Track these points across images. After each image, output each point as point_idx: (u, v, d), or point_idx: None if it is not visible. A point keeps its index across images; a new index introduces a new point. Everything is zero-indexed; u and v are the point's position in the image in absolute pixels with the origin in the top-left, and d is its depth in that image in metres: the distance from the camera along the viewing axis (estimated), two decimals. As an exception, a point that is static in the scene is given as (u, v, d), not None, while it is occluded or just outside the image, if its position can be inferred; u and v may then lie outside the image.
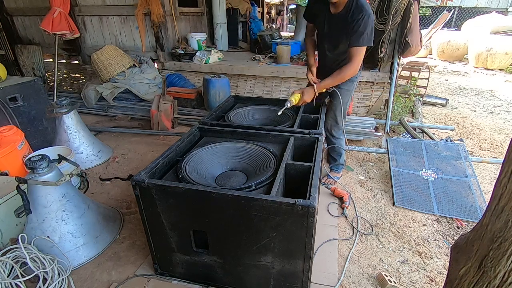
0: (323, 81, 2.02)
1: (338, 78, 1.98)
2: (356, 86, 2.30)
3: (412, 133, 3.10)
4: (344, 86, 2.19)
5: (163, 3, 4.37)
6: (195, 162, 1.55)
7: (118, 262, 1.74)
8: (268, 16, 11.16)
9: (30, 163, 1.58)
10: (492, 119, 4.13)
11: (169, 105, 3.47)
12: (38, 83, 2.96)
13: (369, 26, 1.82)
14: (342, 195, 2.28)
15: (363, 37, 1.83)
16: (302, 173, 1.50)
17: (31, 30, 5.32)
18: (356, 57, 1.89)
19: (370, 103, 3.80)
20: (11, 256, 1.51)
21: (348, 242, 1.92)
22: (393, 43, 3.27)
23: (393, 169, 2.52)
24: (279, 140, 1.76)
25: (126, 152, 3.06)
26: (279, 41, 4.80)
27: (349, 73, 1.94)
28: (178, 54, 4.61)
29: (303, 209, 1.16)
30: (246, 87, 4.35)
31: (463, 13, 10.54)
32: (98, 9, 4.73)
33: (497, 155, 3.08)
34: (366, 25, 1.80)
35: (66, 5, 3.96)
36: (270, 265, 1.35)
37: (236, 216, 1.28)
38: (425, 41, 4.44)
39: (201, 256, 1.46)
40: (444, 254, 1.84)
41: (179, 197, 1.31)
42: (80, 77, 5.26)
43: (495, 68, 7.01)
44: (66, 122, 2.70)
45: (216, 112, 2.14)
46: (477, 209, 2.14)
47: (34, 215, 1.64)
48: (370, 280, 1.65)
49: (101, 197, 2.34)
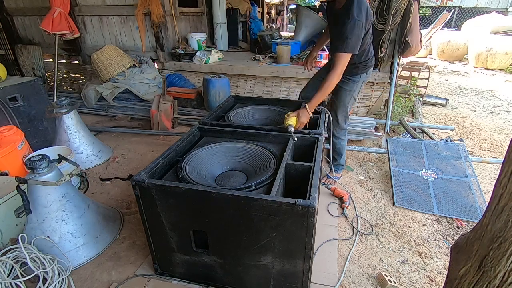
0: (313, 98, 1.88)
1: (325, 88, 1.85)
2: (361, 87, 2.19)
3: (412, 133, 3.10)
4: (346, 86, 2.14)
5: (163, 3, 4.37)
6: (195, 162, 1.55)
7: (118, 262, 1.74)
8: (268, 16, 11.16)
9: (30, 163, 1.58)
10: (492, 119, 4.13)
11: (169, 105, 3.47)
12: (38, 83, 2.96)
13: (353, 32, 1.73)
14: (342, 195, 2.28)
15: (347, 43, 1.75)
16: (302, 173, 1.50)
17: (31, 30, 5.32)
18: (338, 63, 1.80)
19: (370, 103, 3.80)
20: (11, 256, 1.51)
21: (348, 242, 1.92)
22: (393, 43, 3.27)
23: (393, 169, 2.52)
24: (279, 140, 1.76)
25: (126, 152, 3.06)
26: (279, 41, 4.79)
27: (333, 80, 1.83)
28: (178, 54, 4.61)
29: (303, 209, 1.16)
30: (246, 87, 4.35)
31: (463, 13, 10.54)
32: (98, 9, 4.73)
33: (497, 155, 3.08)
34: (350, 31, 1.72)
35: (66, 5, 3.96)
36: (270, 265, 1.35)
37: (236, 216, 1.28)
38: (425, 41, 4.44)
39: (201, 256, 1.46)
40: (444, 254, 1.84)
41: (179, 197, 1.31)
42: (80, 77, 5.26)
43: (495, 68, 7.01)
44: (66, 122, 2.70)
45: (216, 112, 2.14)
46: (477, 209, 2.14)
47: (34, 215, 1.64)
48: (370, 280, 1.65)
49: (101, 197, 2.34)
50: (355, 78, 2.10)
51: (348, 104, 2.21)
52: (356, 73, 2.10)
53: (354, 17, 1.71)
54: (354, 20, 1.71)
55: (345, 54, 1.78)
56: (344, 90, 2.15)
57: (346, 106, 2.22)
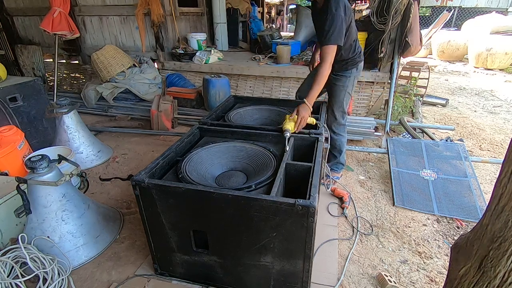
0: (309, 92, 1.94)
1: (318, 80, 1.92)
2: (354, 82, 2.27)
3: (412, 133, 3.10)
4: (339, 82, 2.23)
5: (163, 3, 4.37)
6: (195, 162, 1.55)
7: (118, 262, 1.74)
8: (268, 16, 11.16)
9: (30, 163, 1.58)
10: (492, 119, 4.13)
11: (169, 105, 3.47)
12: (38, 83, 2.96)
13: (334, 25, 1.85)
14: (342, 195, 2.28)
15: (329, 36, 1.87)
16: (302, 173, 1.50)
17: (31, 30, 5.32)
18: (326, 55, 1.90)
19: (370, 103, 3.80)
20: (11, 256, 1.51)
21: (348, 242, 1.92)
22: (393, 43, 3.27)
23: (393, 169, 2.52)
24: (279, 140, 1.76)
25: (126, 152, 3.06)
26: (279, 41, 4.80)
27: (325, 72, 1.91)
28: (178, 54, 4.61)
29: (303, 209, 1.16)
30: (246, 87, 4.35)
31: (463, 13, 10.54)
32: (98, 9, 4.73)
33: (497, 155, 3.08)
34: (330, 24, 1.85)
35: (66, 5, 3.96)
36: (270, 265, 1.35)
37: (236, 216, 1.28)
38: (425, 41, 4.45)
39: (201, 256, 1.46)
40: (444, 254, 1.84)
41: (179, 197, 1.31)
42: (80, 77, 5.27)
43: (495, 68, 7.01)
44: (66, 122, 2.70)
45: (216, 112, 2.14)
46: (477, 209, 2.14)
47: (34, 215, 1.64)
48: (370, 280, 1.65)
49: (101, 197, 2.34)
50: (346, 74, 2.21)
51: (343, 99, 2.28)
52: (347, 69, 2.20)
53: (333, 12, 1.85)
54: (332, 14, 1.85)
55: (330, 46, 1.89)
56: (338, 86, 2.25)
57: (342, 101, 2.29)
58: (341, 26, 1.87)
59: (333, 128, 2.39)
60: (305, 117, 1.83)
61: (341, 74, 2.22)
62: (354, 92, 2.42)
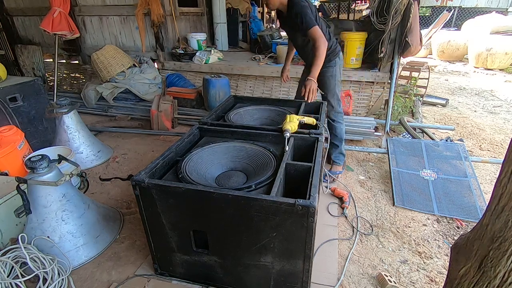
0: (312, 68, 2.13)
1: (318, 58, 2.10)
2: (340, 70, 2.45)
3: (412, 133, 3.10)
4: (327, 73, 2.40)
5: (163, 3, 4.37)
6: (195, 162, 1.55)
7: (118, 262, 1.74)
8: (268, 16, 11.14)
9: (30, 163, 1.58)
10: (492, 119, 4.13)
11: (169, 105, 3.47)
12: (38, 83, 2.96)
13: (305, 12, 2.05)
14: (342, 195, 2.28)
15: (307, 21, 2.06)
16: (302, 173, 1.50)
17: (31, 30, 5.32)
18: (316, 36, 2.06)
19: (370, 103, 3.80)
20: (11, 256, 1.51)
21: (348, 242, 1.92)
22: (393, 43, 3.27)
23: (393, 169, 2.52)
24: (279, 140, 1.76)
25: (126, 152, 3.06)
26: (279, 41, 4.80)
27: (321, 48, 2.08)
28: (178, 54, 4.61)
29: (303, 209, 1.16)
30: (246, 87, 4.35)
31: (463, 13, 10.53)
32: (98, 9, 4.73)
33: (497, 155, 3.08)
34: (303, 13, 2.05)
35: (66, 5, 3.96)
36: (270, 265, 1.35)
37: (236, 216, 1.28)
38: (425, 41, 4.44)
39: (201, 256, 1.46)
40: (444, 254, 1.84)
41: (179, 197, 1.31)
42: (80, 77, 5.27)
43: (495, 68, 7.00)
44: (66, 122, 2.70)
45: (216, 112, 2.14)
46: (477, 209, 2.14)
47: (34, 215, 1.64)
48: (370, 280, 1.65)
49: (101, 197, 2.34)
50: (331, 64, 2.40)
51: (335, 88, 2.45)
52: (330, 59, 2.37)
53: (298, 6, 2.08)
54: (298, 7, 2.07)
55: (314, 28, 2.07)
56: (327, 77, 2.41)
57: (334, 89, 2.45)
58: (310, 13, 2.07)
59: (332, 117, 2.51)
60: (313, 87, 2.11)
61: (327, 65, 2.38)
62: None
